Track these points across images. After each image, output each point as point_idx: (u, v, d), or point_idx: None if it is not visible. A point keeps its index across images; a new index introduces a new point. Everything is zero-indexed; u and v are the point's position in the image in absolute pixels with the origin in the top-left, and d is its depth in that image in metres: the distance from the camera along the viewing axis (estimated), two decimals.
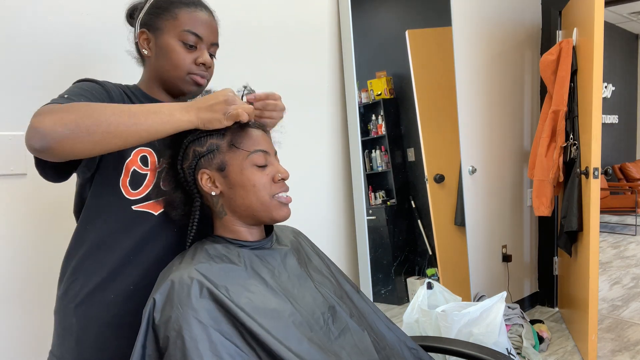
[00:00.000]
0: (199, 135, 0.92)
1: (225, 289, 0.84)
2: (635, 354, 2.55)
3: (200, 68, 1.04)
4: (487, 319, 1.87)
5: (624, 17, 6.55)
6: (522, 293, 3.26)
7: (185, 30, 1.00)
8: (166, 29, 1.01)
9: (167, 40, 1.01)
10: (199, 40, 1.02)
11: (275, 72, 1.88)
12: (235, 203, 0.94)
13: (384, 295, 2.45)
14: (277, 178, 0.95)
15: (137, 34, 1.05)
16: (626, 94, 7.41)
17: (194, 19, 1.01)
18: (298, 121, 1.97)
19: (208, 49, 1.05)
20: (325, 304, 0.96)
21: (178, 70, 1.02)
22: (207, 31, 1.04)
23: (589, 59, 2.35)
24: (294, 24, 1.95)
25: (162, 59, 1.02)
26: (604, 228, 6.03)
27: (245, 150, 0.92)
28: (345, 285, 1.08)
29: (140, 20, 1.04)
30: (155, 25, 1.02)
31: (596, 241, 2.35)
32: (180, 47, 1.01)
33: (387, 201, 2.50)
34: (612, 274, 4.13)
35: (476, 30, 2.78)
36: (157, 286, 0.86)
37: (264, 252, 0.98)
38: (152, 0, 1.03)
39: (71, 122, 0.77)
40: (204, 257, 0.90)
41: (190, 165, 0.93)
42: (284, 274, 0.96)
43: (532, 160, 2.91)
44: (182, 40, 1.01)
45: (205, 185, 0.93)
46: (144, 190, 0.99)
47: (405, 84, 2.49)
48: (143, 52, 1.04)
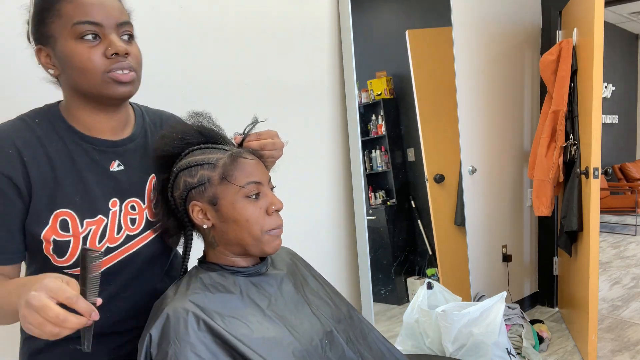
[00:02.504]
0: (189, 165, 0.89)
1: (222, 320, 0.83)
2: (635, 354, 2.55)
3: (115, 61, 0.83)
4: (487, 319, 1.87)
5: (624, 17, 6.55)
6: (522, 293, 3.26)
7: (76, 23, 0.80)
8: (57, 32, 0.82)
9: (62, 45, 0.82)
10: (98, 26, 0.81)
11: (275, 72, 1.88)
12: (228, 237, 0.91)
13: (384, 295, 2.45)
14: (270, 210, 0.92)
15: (35, 54, 0.86)
16: (626, 94, 7.41)
17: (80, 5, 0.81)
18: (298, 121, 1.97)
19: (117, 32, 0.84)
20: (323, 329, 0.95)
21: (89, 74, 0.82)
22: (104, 12, 0.82)
23: (589, 59, 2.35)
24: (294, 24, 1.95)
25: (68, 69, 0.83)
26: (604, 228, 6.03)
27: (238, 184, 0.89)
28: (342, 306, 1.06)
29: (31, 37, 0.86)
30: (45, 35, 0.83)
31: (596, 241, 2.35)
32: (81, 47, 0.81)
33: (387, 201, 2.50)
34: (612, 274, 4.13)
35: (476, 30, 2.78)
36: (152, 319, 0.84)
37: (259, 278, 0.96)
38: (32, 11, 0.84)
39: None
40: (199, 287, 0.88)
41: (181, 196, 0.91)
42: (281, 301, 0.94)
43: (532, 160, 2.91)
44: (77, 36, 0.81)
45: (197, 217, 0.91)
46: (71, 258, 0.87)
47: (405, 84, 2.49)
48: (49, 72, 0.86)
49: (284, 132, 1.04)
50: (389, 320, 2.41)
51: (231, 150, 0.92)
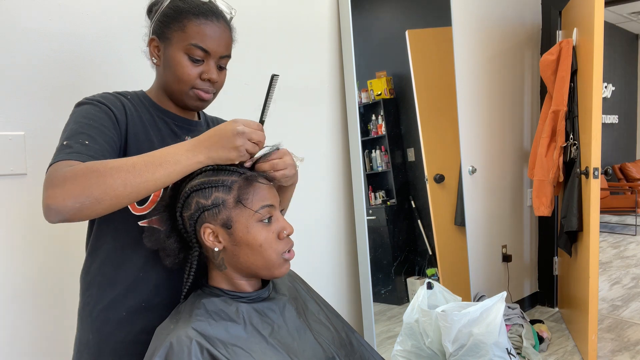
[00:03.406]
0: (203, 186, 0.88)
1: (225, 349, 0.82)
2: (635, 354, 2.55)
3: (206, 83, 1.00)
4: (487, 319, 1.86)
5: (624, 17, 6.55)
6: (522, 293, 3.26)
7: (192, 45, 0.96)
8: (174, 40, 0.97)
9: (174, 52, 0.97)
10: (207, 54, 0.98)
11: (275, 72, 1.88)
12: (239, 260, 0.91)
13: (384, 295, 2.45)
14: (282, 235, 0.92)
15: (148, 40, 1.01)
16: (626, 94, 7.41)
17: (203, 32, 0.96)
18: (298, 121, 1.96)
19: (217, 61, 1.00)
20: (325, 356, 0.95)
21: (181, 84, 0.98)
22: (216, 44, 0.98)
23: (589, 59, 2.35)
24: (294, 24, 1.95)
25: (168, 70, 0.99)
26: (604, 228, 6.03)
27: (253, 209, 0.89)
28: (342, 330, 1.06)
29: (152, 26, 1.01)
30: (165, 35, 0.98)
31: (596, 241, 2.35)
32: (187, 61, 0.97)
33: (387, 201, 2.50)
34: (612, 274, 4.13)
35: (476, 30, 2.78)
36: (155, 347, 0.84)
37: (262, 304, 0.95)
38: (165, 6, 0.98)
39: (80, 195, 0.77)
40: (202, 313, 0.87)
41: (192, 217, 0.89)
42: (284, 328, 0.94)
43: (532, 160, 2.91)
44: (188, 53, 0.96)
45: (208, 239, 0.89)
46: (150, 206, 0.97)
47: (405, 84, 2.49)
48: (152, 60, 1.01)
49: (284, 132, 1.04)
50: (389, 320, 2.41)
51: (245, 173, 0.90)
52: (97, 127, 0.89)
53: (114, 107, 0.94)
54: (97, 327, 0.97)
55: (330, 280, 2.14)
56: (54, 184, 0.78)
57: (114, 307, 0.97)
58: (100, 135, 0.89)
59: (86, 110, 0.92)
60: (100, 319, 0.97)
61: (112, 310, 0.97)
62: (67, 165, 0.80)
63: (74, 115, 0.92)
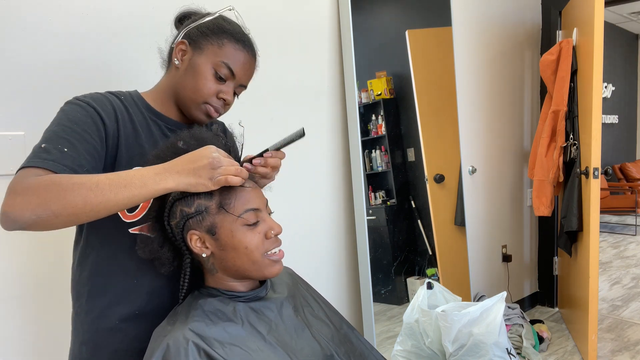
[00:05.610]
0: (185, 194, 0.88)
1: (222, 348, 0.82)
2: (635, 354, 2.55)
3: (219, 102, 1.02)
4: (487, 319, 1.87)
5: (624, 17, 6.55)
6: (522, 293, 3.26)
7: (224, 62, 0.98)
8: (207, 52, 0.99)
9: (202, 62, 0.98)
10: (232, 77, 1.01)
11: (275, 72, 1.88)
12: (227, 264, 0.91)
13: (384, 295, 2.45)
14: (269, 235, 0.92)
15: (177, 40, 1.01)
16: (626, 94, 7.41)
17: (236, 57, 1.00)
18: (298, 121, 1.96)
19: (235, 87, 1.03)
20: (323, 353, 0.94)
21: (197, 94, 0.99)
22: (242, 72, 1.02)
23: (589, 59, 2.35)
24: (294, 24, 1.95)
25: (189, 76, 0.99)
26: (604, 228, 6.03)
27: (236, 214, 0.89)
28: (342, 327, 1.06)
29: (187, 30, 1.01)
30: (199, 44, 0.99)
31: (596, 241, 2.35)
32: (211, 75, 0.99)
33: (387, 201, 2.50)
34: (612, 274, 4.13)
35: (476, 30, 2.78)
36: (152, 350, 0.83)
37: (259, 303, 0.95)
38: (207, 20, 1.01)
39: (37, 207, 0.75)
40: (199, 314, 0.87)
41: (178, 225, 0.90)
42: (282, 326, 0.94)
43: (532, 160, 2.91)
44: (216, 69, 0.99)
45: (195, 246, 0.90)
46: (140, 213, 0.96)
47: (405, 84, 2.49)
48: (174, 61, 1.01)
49: (284, 133, 1.04)
50: (389, 320, 2.41)
51: None
52: (80, 132, 0.87)
53: (103, 111, 0.93)
54: (89, 337, 0.96)
55: (330, 280, 2.14)
56: (16, 192, 0.77)
57: (106, 316, 0.95)
58: (81, 143, 0.87)
59: (73, 113, 0.90)
60: (93, 329, 0.96)
61: (104, 319, 0.95)
62: (36, 175, 0.79)
63: (59, 116, 0.90)
